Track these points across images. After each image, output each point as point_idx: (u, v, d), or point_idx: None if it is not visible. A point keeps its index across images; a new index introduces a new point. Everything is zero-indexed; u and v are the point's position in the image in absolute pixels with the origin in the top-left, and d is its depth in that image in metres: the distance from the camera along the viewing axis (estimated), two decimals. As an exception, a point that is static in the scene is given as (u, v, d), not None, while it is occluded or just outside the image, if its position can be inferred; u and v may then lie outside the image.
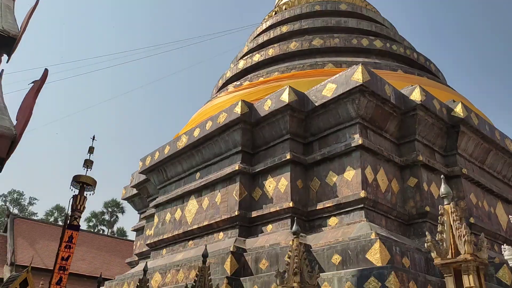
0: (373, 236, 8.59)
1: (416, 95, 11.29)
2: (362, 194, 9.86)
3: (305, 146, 12.19)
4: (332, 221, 10.55)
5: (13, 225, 29.71)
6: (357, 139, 10.52)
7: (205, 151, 14.12)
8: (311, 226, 10.99)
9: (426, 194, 10.83)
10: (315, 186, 11.42)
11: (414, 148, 11.35)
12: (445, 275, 5.28)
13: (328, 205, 10.61)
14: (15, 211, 42.97)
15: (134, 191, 20.66)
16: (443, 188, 5.86)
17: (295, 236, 4.97)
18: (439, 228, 5.54)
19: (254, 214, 12.05)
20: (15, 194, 55.84)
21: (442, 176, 6.88)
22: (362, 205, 9.92)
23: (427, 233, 5.97)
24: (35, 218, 48.90)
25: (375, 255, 8.13)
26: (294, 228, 5.05)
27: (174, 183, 15.70)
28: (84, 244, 30.13)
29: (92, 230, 46.81)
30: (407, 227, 10.90)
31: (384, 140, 11.41)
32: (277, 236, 10.97)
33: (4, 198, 54.88)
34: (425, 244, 5.79)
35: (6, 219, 32.44)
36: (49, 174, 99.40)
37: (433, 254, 5.45)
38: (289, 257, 4.86)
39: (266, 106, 12.30)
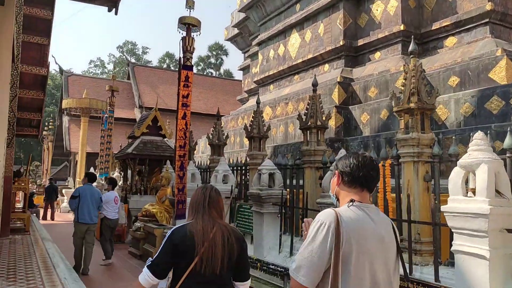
0: (499, 52, 7.73)
1: None
2: (488, 6, 8.61)
3: (419, -42, 10.57)
4: (450, 41, 9.63)
5: (134, 72, 32.80)
6: None
7: (303, -21, 13.16)
8: (424, 49, 10.22)
9: None
10: (430, 4, 10.22)
11: None
12: None
13: (445, 23, 9.57)
14: (132, 60, 46.91)
15: (236, 31, 20.79)
16: None
17: (412, 55, 4.62)
18: None
19: (361, 42, 11.51)
20: (129, 45, 60.40)
21: None
22: (487, 20, 8.76)
23: None
24: (151, 65, 53.05)
25: (500, 73, 7.43)
26: (411, 47, 4.66)
27: (274, 18, 15.34)
28: (197, 86, 32.52)
29: (202, 73, 49.81)
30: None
31: None
32: (386, 63, 10.52)
33: (120, 49, 59.88)
34: None
35: (127, 68, 35.78)
36: (156, 22, 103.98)
37: None
38: (404, 79, 4.62)
39: None
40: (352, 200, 1.79)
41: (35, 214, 14.74)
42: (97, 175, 19.55)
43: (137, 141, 11.75)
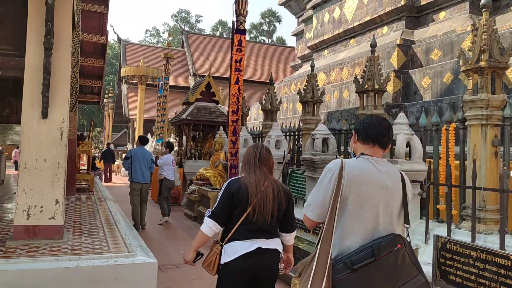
0: None
1: None
2: None
3: None
4: (526, -3, 8.77)
5: (188, 41, 33.14)
6: None
7: None
8: (495, 8, 9.37)
9: None
10: (504, -44, 9.30)
11: None
12: None
13: (521, -23, 8.70)
14: (186, 28, 47.30)
15: (289, -6, 20.21)
16: None
17: (484, 9, 4.21)
18: None
19: (423, 1, 10.77)
20: (183, 14, 60.95)
21: None
22: None
23: None
24: (204, 33, 53.30)
25: None
26: (483, 0, 4.25)
27: (329, -21, 14.70)
28: (250, 53, 32.33)
29: (254, 41, 49.35)
30: None
31: None
32: (451, 23, 9.79)
33: (175, 18, 60.60)
34: None
35: (181, 36, 36.18)
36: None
37: None
38: (474, 35, 4.24)
39: None
40: (362, 154, 2.06)
41: (98, 177, 15.62)
42: (154, 141, 20.30)
43: (191, 107, 11.95)
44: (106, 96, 32.68)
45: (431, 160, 4.94)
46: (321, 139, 6.45)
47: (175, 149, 16.96)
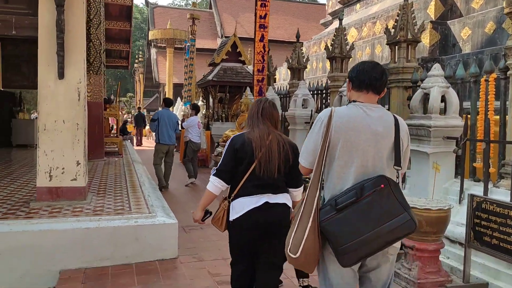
0: None
1: None
2: None
3: None
4: None
5: (215, 1, 32.38)
6: None
7: None
8: None
9: None
10: None
11: None
12: None
13: None
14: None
15: None
16: None
17: None
18: None
19: None
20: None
21: None
22: None
23: None
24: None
25: None
26: None
27: None
28: (278, 12, 31.36)
29: None
30: None
31: None
32: (496, -33, 8.93)
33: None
34: None
35: (208, -3, 35.34)
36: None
37: None
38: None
39: None
40: (354, 101, 2.04)
41: (129, 140, 15.85)
42: (182, 104, 20.31)
43: (217, 68, 11.69)
44: (136, 61, 32.80)
45: (469, 116, 4.55)
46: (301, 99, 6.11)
47: (202, 111, 16.89)
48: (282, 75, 16.69)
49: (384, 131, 1.98)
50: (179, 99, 22.66)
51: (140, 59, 32.19)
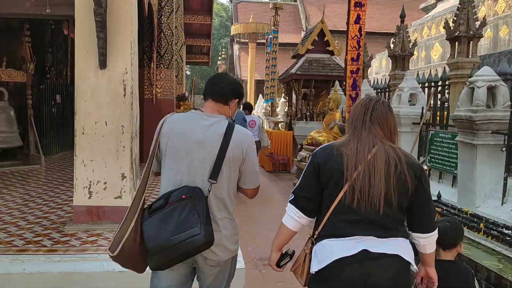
0: None
1: None
2: None
3: None
4: None
5: (300, -7, 30.94)
6: None
7: None
8: None
9: None
10: None
11: None
12: None
13: None
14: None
15: None
16: None
17: None
18: None
19: None
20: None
21: None
22: None
23: None
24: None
25: None
26: None
27: None
28: (369, 2, 29.03)
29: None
30: None
31: None
32: None
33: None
34: None
35: (293, -11, 34.03)
36: None
37: None
38: None
39: None
40: (193, 108, 2.08)
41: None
42: (263, 101, 19.23)
43: (302, 59, 10.29)
44: (219, 58, 32.61)
45: None
46: (484, 88, 4.41)
47: (284, 109, 15.63)
48: (375, 68, 14.82)
49: (209, 140, 1.93)
50: (260, 96, 21.67)
51: (223, 55, 31.91)
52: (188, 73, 54.94)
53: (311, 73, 10.02)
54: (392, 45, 7.43)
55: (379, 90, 8.09)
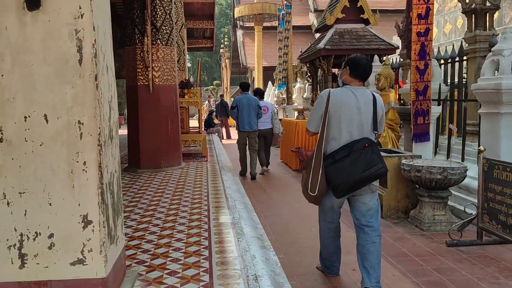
0: None
1: None
2: None
3: None
4: None
5: (306, -29, 28.75)
6: None
7: None
8: None
9: None
10: None
11: None
12: None
13: None
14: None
15: None
16: None
17: None
18: None
19: None
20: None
21: None
22: None
23: None
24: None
25: None
26: None
27: None
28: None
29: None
30: None
31: None
32: None
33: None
34: None
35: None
36: None
37: None
38: None
39: None
40: (345, 84, 2.92)
41: (216, 134, 13.27)
42: (275, 88, 17.34)
43: (330, 32, 8.37)
44: (222, 45, 30.61)
45: None
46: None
47: (304, 95, 13.76)
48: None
49: (365, 106, 2.80)
50: (270, 83, 19.77)
51: (225, 43, 29.92)
52: (189, 65, 52.97)
53: (343, 47, 8.12)
54: (466, -1, 5.51)
55: (446, 60, 6.18)
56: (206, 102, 23.06)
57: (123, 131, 6.54)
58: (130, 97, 6.16)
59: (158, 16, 6.04)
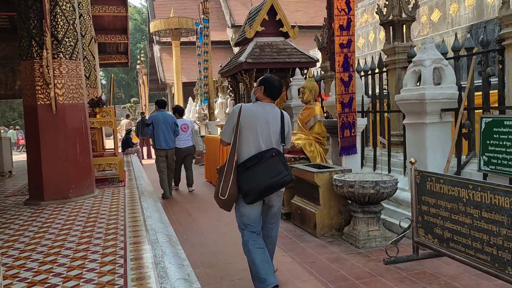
0: None
1: None
2: None
3: None
4: None
5: (221, -12, 28.90)
6: None
7: None
8: None
9: None
10: None
11: None
12: None
13: None
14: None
15: None
16: None
17: None
18: None
19: None
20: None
21: None
22: None
23: None
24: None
25: None
26: None
27: None
28: (294, -6, 27.77)
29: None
30: None
31: None
32: None
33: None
34: None
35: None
36: None
37: None
38: None
39: None
40: (257, 100, 3.22)
41: (135, 154, 12.44)
42: (197, 104, 16.88)
43: (250, 45, 8.17)
44: (138, 61, 29.50)
45: None
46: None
47: (225, 110, 13.46)
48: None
49: (273, 120, 3.14)
50: (190, 99, 19.26)
51: (142, 59, 28.89)
52: (104, 82, 50.37)
53: (265, 60, 7.95)
54: (384, 9, 5.56)
55: (365, 73, 6.22)
56: (125, 120, 21.83)
57: (21, 157, 5.67)
58: (29, 119, 5.36)
59: (60, 26, 5.35)
